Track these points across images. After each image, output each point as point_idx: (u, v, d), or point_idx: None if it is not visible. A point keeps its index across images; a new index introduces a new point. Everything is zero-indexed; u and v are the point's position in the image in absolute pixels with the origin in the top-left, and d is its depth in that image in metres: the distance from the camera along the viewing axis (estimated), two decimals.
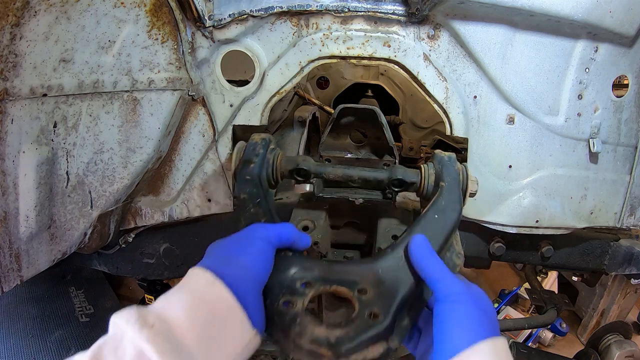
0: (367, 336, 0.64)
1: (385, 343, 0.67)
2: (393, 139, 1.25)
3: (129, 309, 0.56)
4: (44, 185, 0.88)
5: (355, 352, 0.63)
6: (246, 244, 0.69)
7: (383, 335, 0.66)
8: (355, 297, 0.69)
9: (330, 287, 0.71)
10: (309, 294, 0.69)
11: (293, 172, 0.96)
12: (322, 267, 0.74)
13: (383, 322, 0.66)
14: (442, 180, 0.87)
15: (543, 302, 1.61)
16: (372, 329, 0.65)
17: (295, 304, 0.67)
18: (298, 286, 0.70)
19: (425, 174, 0.92)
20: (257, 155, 0.91)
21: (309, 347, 0.63)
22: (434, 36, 1.04)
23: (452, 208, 0.82)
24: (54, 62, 0.85)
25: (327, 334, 0.63)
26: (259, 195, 0.84)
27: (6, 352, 2.12)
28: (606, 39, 1.04)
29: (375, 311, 0.67)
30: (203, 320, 0.58)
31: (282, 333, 0.66)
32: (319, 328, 0.64)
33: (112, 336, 0.55)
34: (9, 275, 0.86)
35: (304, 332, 0.64)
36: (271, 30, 1.05)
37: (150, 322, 0.54)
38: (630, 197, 1.20)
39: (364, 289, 0.71)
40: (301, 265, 0.73)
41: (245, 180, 0.86)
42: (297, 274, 0.72)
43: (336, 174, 0.98)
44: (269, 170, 0.92)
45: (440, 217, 0.80)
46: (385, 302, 0.68)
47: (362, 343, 0.64)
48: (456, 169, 0.89)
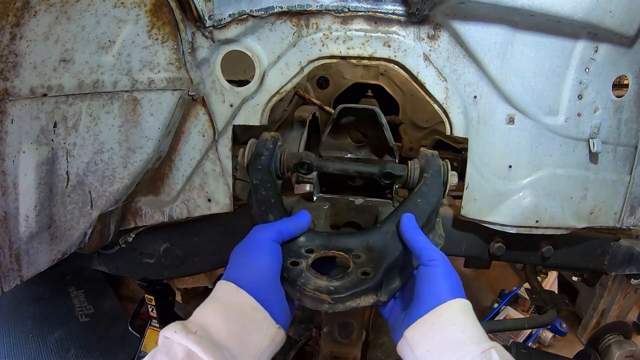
0: (359, 288, 0.78)
1: (375, 296, 0.81)
2: (393, 139, 1.25)
3: (173, 324, 0.69)
4: (44, 185, 0.88)
5: (349, 300, 0.77)
6: (255, 247, 0.81)
7: (372, 288, 0.80)
8: (350, 259, 0.84)
9: (329, 251, 0.86)
10: (312, 256, 0.84)
11: (297, 165, 1.08)
12: (324, 237, 0.89)
13: (373, 278, 0.79)
14: (425, 172, 1.00)
15: (543, 302, 1.61)
16: (364, 282, 0.78)
17: (301, 263, 0.81)
18: (303, 252, 0.85)
19: (411, 168, 1.05)
20: (268, 150, 1.05)
21: (312, 293, 0.76)
22: (434, 36, 1.04)
23: (433, 194, 0.96)
24: (54, 62, 0.85)
25: (327, 284, 0.77)
26: (269, 181, 0.98)
27: (6, 352, 2.12)
28: (606, 39, 1.04)
29: (366, 270, 0.81)
30: (233, 321, 0.72)
31: (289, 284, 0.79)
32: (320, 280, 0.78)
33: (162, 345, 0.68)
34: (9, 275, 0.86)
35: (308, 282, 0.77)
36: (271, 30, 1.05)
37: (193, 330, 0.68)
38: (630, 197, 1.20)
39: (358, 254, 0.85)
40: (307, 235, 0.88)
41: (257, 169, 1.01)
42: (302, 243, 0.87)
43: (334, 168, 1.10)
44: (277, 163, 1.06)
45: (423, 200, 0.94)
46: (375, 264, 0.82)
47: (355, 293, 0.77)
48: (438, 164, 1.03)
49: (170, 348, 0.66)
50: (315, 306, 0.77)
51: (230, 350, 0.69)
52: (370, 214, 1.14)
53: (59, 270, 2.56)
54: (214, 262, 1.35)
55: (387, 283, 0.83)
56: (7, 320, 2.32)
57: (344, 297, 0.76)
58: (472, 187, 1.12)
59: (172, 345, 0.66)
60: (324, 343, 1.50)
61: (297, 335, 1.86)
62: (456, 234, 1.27)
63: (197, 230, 1.30)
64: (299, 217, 0.88)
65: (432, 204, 0.94)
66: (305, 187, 1.38)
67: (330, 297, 0.75)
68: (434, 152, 1.07)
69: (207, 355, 0.65)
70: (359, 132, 1.31)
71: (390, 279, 0.84)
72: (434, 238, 0.99)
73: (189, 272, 1.37)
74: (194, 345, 0.65)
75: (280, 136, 1.12)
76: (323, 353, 1.51)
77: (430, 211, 0.93)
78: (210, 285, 2.31)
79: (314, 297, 0.76)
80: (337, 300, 0.76)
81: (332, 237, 0.89)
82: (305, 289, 0.76)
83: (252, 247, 0.81)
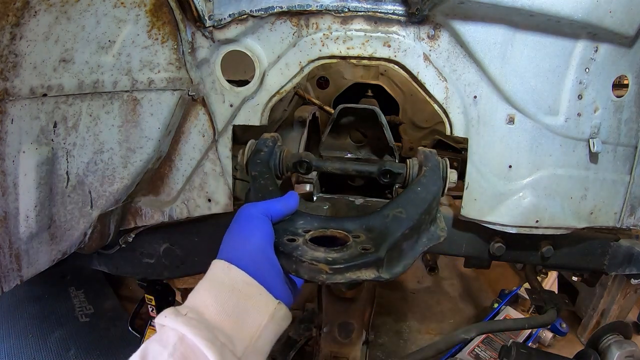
0: (360, 260, 0.74)
1: (376, 271, 0.76)
2: (393, 139, 1.26)
3: (166, 309, 0.66)
4: (44, 185, 0.88)
5: (349, 271, 0.73)
6: (243, 222, 0.78)
7: (373, 262, 0.75)
8: (350, 237, 0.81)
9: (328, 230, 0.84)
10: (310, 234, 0.82)
11: (296, 164, 1.09)
12: (322, 220, 0.88)
13: (374, 253, 0.76)
14: (424, 166, 1.01)
15: (543, 302, 1.61)
16: (364, 255, 0.75)
17: (298, 240, 0.79)
18: (300, 232, 0.83)
19: (410, 165, 1.05)
20: (267, 147, 1.07)
21: (309, 264, 0.73)
22: (434, 36, 1.04)
23: (433, 183, 0.96)
24: (54, 62, 0.85)
25: (325, 255, 0.74)
26: (268, 172, 0.99)
27: (6, 352, 2.12)
28: (606, 39, 1.04)
29: (366, 246, 0.78)
30: (226, 299, 0.68)
31: (285, 257, 0.76)
32: (318, 251, 0.75)
33: (157, 334, 0.65)
34: (9, 275, 0.86)
35: (305, 254, 0.74)
36: (271, 30, 1.05)
37: (184, 312, 0.65)
38: (630, 197, 1.20)
39: (357, 234, 0.83)
40: (305, 219, 0.87)
41: (256, 163, 1.02)
42: (300, 225, 0.85)
43: (333, 167, 1.11)
44: (276, 161, 1.07)
45: (423, 189, 0.93)
46: (376, 242, 0.79)
47: (355, 265, 0.73)
48: (437, 159, 1.04)
49: (163, 334, 0.63)
50: (312, 277, 0.73)
51: (225, 330, 0.65)
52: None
53: (59, 270, 2.56)
54: None
55: (389, 263, 0.80)
56: (7, 320, 2.32)
57: (343, 268, 0.73)
58: (472, 187, 1.12)
59: (164, 331, 0.64)
60: (324, 343, 1.50)
61: (297, 335, 1.86)
62: (456, 234, 1.27)
63: (197, 230, 1.30)
64: (287, 197, 0.86)
65: (432, 192, 0.94)
66: (305, 187, 1.38)
67: (328, 267, 0.72)
68: (432, 150, 1.08)
69: (197, 336, 0.61)
70: (359, 132, 1.31)
71: (391, 260, 0.81)
72: (435, 230, 0.97)
73: (189, 272, 1.37)
74: (183, 327, 0.62)
75: (280, 137, 1.13)
76: (323, 353, 1.51)
77: (431, 199, 0.92)
78: None
79: (311, 268, 0.73)
80: (335, 270, 0.72)
81: (330, 219, 0.88)
82: (301, 259, 0.73)
83: (240, 223, 0.78)
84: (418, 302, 2.68)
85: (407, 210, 0.87)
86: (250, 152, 1.07)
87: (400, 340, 2.36)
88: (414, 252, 0.86)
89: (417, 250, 0.86)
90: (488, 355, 2.16)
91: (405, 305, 2.64)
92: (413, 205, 0.89)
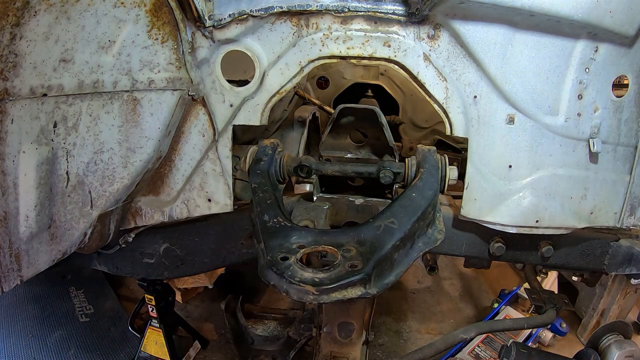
0: (346, 280, 0.78)
1: (363, 288, 0.80)
2: (393, 139, 1.26)
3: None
4: (44, 185, 0.88)
5: (335, 291, 0.78)
6: None
7: (360, 280, 0.80)
8: (340, 253, 0.84)
9: (319, 246, 0.87)
10: (302, 251, 0.85)
11: (297, 168, 1.12)
12: (316, 234, 0.90)
13: (361, 271, 0.79)
14: (421, 167, 1.02)
15: (543, 302, 1.61)
16: (350, 275, 0.79)
17: (290, 258, 0.83)
18: (294, 247, 0.86)
19: (408, 164, 1.07)
20: (267, 155, 1.10)
21: (297, 285, 0.77)
22: (434, 36, 1.04)
23: (429, 187, 0.97)
24: (54, 62, 0.85)
25: (312, 276, 0.78)
26: (267, 184, 1.03)
27: (6, 352, 2.12)
28: (606, 39, 1.04)
29: (355, 263, 0.81)
30: None
31: (277, 277, 0.80)
32: (306, 272, 0.79)
33: None
34: (9, 275, 0.86)
35: (295, 275, 0.79)
36: (271, 30, 1.05)
37: None
38: (630, 197, 1.20)
39: (348, 248, 0.86)
40: (298, 234, 0.89)
41: (256, 174, 1.06)
42: (294, 240, 0.88)
43: (333, 169, 1.13)
44: (276, 167, 1.10)
45: (418, 194, 0.95)
46: (365, 257, 0.83)
47: (341, 285, 0.78)
48: (435, 158, 1.05)
49: None
50: (300, 297, 0.79)
51: None
52: (370, 214, 1.14)
53: (59, 270, 2.56)
54: (214, 262, 1.35)
55: (378, 276, 0.84)
56: (7, 320, 2.32)
57: (329, 289, 0.77)
58: (472, 187, 1.12)
59: None
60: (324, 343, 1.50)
61: (297, 335, 1.87)
62: (456, 234, 1.27)
63: (197, 230, 1.30)
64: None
65: (428, 197, 0.95)
66: (305, 187, 1.38)
67: (315, 288, 0.77)
68: (431, 148, 1.10)
69: None
70: (359, 132, 1.31)
71: (382, 272, 0.85)
72: (433, 233, 1.00)
73: (189, 272, 1.37)
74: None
75: (280, 142, 1.16)
76: (323, 353, 1.51)
77: (426, 205, 0.94)
78: (210, 285, 2.31)
79: (299, 289, 0.78)
80: (321, 291, 0.77)
81: (324, 233, 0.91)
82: (291, 281, 0.78)
83: None
84: (418, 302, 2.68)
85: (400, 220, 0.90)
86: (252, 160, 1.11)
87: (400, 340, 2.36)
88: (409, 259, 0.89)
89: (412, 256, 0.89)
90: (488, 355, 2.16)
91: (405, 305, 2.65)
92: (406, 214, 0.91)
